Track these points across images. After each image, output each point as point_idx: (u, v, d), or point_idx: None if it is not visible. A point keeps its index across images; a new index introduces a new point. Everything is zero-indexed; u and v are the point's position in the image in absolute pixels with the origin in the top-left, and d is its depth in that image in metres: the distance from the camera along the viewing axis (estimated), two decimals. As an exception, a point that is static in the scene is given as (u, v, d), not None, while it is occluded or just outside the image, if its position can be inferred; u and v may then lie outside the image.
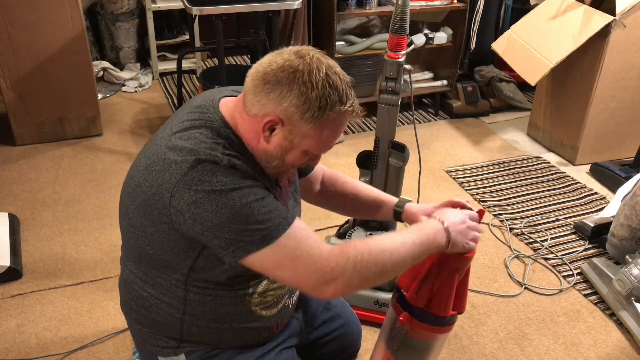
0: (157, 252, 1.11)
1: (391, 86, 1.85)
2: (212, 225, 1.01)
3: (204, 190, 1.00)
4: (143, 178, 1.07)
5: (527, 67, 2.91)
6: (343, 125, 1.09)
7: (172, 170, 1.02)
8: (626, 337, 2.02)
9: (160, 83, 3.78)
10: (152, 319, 1.20)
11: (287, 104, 1.02)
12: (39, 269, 2.17)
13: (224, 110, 1.11)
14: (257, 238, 1.02)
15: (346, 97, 1.05)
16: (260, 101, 1.04)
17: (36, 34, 2.75)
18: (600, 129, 2.98)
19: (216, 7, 2.59)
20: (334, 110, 1.03)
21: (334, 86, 1.03)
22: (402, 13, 1.75)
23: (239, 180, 1.02)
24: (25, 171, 2.77)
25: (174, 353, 1.22)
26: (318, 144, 1.08)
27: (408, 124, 3.46)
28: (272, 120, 1.04)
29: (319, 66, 1.03)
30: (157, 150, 1.07)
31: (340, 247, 1.07)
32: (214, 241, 1.03)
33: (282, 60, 1.03)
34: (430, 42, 3.38)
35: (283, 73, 1.02)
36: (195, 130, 1.07)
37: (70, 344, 1.87)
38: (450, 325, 1.30)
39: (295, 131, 1.05)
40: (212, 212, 1.00)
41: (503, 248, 2.43)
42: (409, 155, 1.93)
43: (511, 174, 2.97)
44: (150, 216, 1.06)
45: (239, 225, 1.01)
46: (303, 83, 1.01)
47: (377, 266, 1.07)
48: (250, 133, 1.09)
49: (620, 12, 2.66)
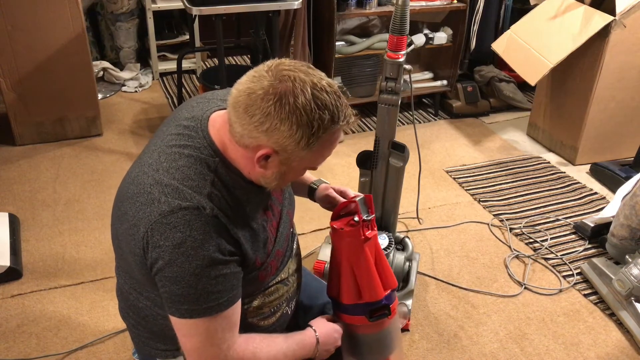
0: (138, 276, 1.11)
1: (391, 86, 1.85)
2: (162, 276, 1.02)
3: (171, 241, 0.99)
4: (129, 207, 1.06)
5: (527, 67, 2.91)
6: (339, 137, 1.05)
7: (153, 207, 1.01)
8: (626, 337, 2.02)
9: (160, 83, 3.78)
10: (147, 327, 1.21)
11: (277, 136, 0.97)
12: (39, 269, 2.17)
13: (213, 133, 1.07)
14: (185, 308, 1.02)
15: (338, 113, 1.00)
16: (250, 134, 0.99)
17: (36, 34, 2.75)
18: (600, 129, 2.98)
19: (216, 7, 2.59)
20: (327, 132, 0.99)
21: (323, 106, 0.97)
22: (402, 13, 1.75)
23: (209, 245, 1.00)
24: (25, 171, 2.77)
25: (172, 356, 1.23)
26: (317, 160, 1.07)
27: (408, 124, 3.46)
28: (265, 152, 1.00)
29: (303, 88, 0.96)
30: (144, 181, 1.05)
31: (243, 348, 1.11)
32: (161, 290, 1.04)
33: (263, 89, 0.96)
34: (430, 42, 3.38)
35: (268, 103, 0.96)
36: (183, 162, 1.04)
37: (70, 344, 1.87)
38: (395, 302, 1.32)
39: (292, 157, 1.02)
40: (167, 263, 1.00)
41: (503, 248, 2.43)
42: (409, 155, 1.93)
43: (511, 174, 2.97)
44: (130, 245, 1.06)
45: (180, 289, 1.01)
46: (291, 112, 0.95)
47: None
48: (244, 160, 1.05)
49: (620, 12, 2.66)
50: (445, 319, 2.06)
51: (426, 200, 2.71)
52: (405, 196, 2.39)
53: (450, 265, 2.31)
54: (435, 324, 2.03)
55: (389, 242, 1.95)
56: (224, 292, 1.03)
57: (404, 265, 1.98)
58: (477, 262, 2.34)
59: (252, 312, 1.20)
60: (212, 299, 1.02)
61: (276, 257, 1.21)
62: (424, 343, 1.95)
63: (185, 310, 1.02)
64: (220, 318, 1.04)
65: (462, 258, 2.36)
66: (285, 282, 1.27)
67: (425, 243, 2.44)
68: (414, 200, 2.40)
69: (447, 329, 2.01)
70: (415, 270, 2.09)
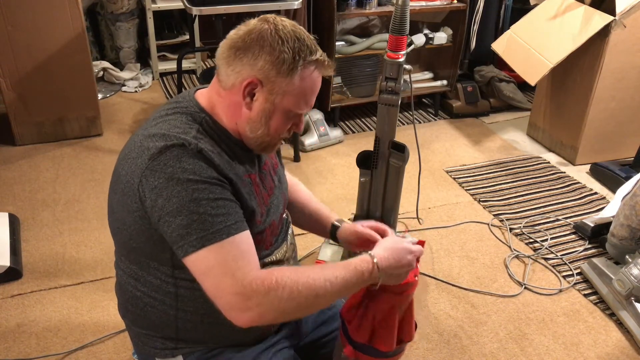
0: (139, 244, 1.12)
1: (391, 86, 1.85)
2: (165, 214, 1.02)
3: (164, 176, 1.02)
4: (122, 167, 1.10)
5: (527, 67, 2.91)
6: (318, 79, 1.11)
7: (144, 155, 1.05)
8: (626, 337, 2.02)
9: (160, 83, 3.78)
10: (147, 319, 1.21)
11: (261, 62, 1.05)
12: (39, 269, 2.17)
13: (199, 97, 1.15)
14: (194, 238, 1.01)
15: (315, 48, 1.09)
16: (235, 69, 1.07)
17: (36, 34, 2.75)
18: (600, 129, 2.98)
19: (216, 7, 2.59)
20: (306, 60, 1.07)
21: (302, 38, 1.07)
22: (402, 13, 1.75)
23: (201, 171, 1.03)
24: (25, 171, 2.77)
25: (171, 355, 1.22)
26: (298, 100, 1.10)
27: (408, 124, 3.46)
28: (250, 82, 1.06)
29: (283, 24, 1.08)
30: (134, 140, 1.11)
31: (263, 277, 1.03)
32: (167, 233, 1.03)
33: (247, 27, 1.08)
34: (430, 42, 3.38)
35: (251, 36, 1.06)
36: (170, 117, 1.11)
37: (70, 344, 1.87)
38: (398, 355, 1.26)
39: (275, 89, 1.07)
40: (165, 199, 1.02)
41: (503, 248, 2.43)
42: (409, 155, 1.93)
43: (511, 174, 2.97)
44: (127, 206, 1.08)
45: (184, 219, 1.01)
46: (273, 39, 1.05)
47: (298, 304, 1.05)
48: (230, 108, 1.11)
49: (620, 12, 2.66)
50: (445, 319, 2.06)
51: (426, 200, 2.71)
52: (405, 196, 2.39)
53: (450, 265, 2.31)
54: (435, 324, 2.03)
55: (389, 242, 1.95)
56: (228, 215, 1.04)
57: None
58: (477, 262, 2.34)
59: None
60: (218, 222, 1.02)
61: (271, 228, 1.21)
62: (424, 343, 1.95)
63: (195, 240, 1.01)
64: (229, 244, 1.02)
65: (462, 258, 2.36)
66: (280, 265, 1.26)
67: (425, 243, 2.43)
68: (414, 200, 2.40)
69: (447, 329, 2.01)
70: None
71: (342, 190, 2.77)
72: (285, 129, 1.15)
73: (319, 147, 3.12)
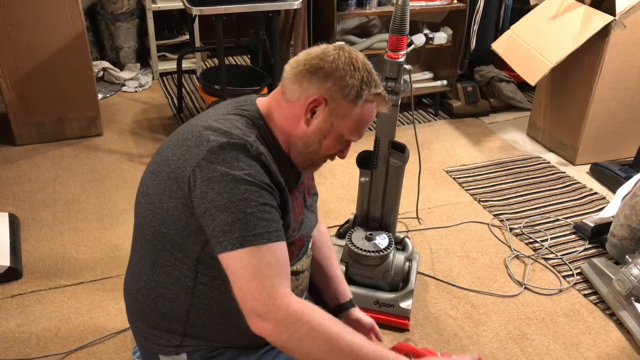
0: (170, 231, 1.12)
1: (391, 86, 1.85)
2: (212, 207, 1.03)
3: (221, 171, 1.03)
4: (172, 152, 1.11)
5: (527, 67, 2.91)
6: (375, 110, 1.16)
7: (202, 146, 1.06)
8: (626, 337, 2.02)
9: (160, 83, 3.78)
10: (157, 310, 1.20)
11: (330, 84, 1.10)
12: (39, 269, 2.17)
13: (259, 104, 1.18)
14: (235, 237, 1.02)
15: (379, 83, 1.15)
16: (302, 85, 1.11)
17: (36, 34, 2.75)
18: (600, 129, 2.98)
19: (216, 7, 2.59)
20: (371, 91, 1.12)
21: (371, 71, 1.14)
22: (402, 13, 1.75)
23: (256, 174, 1.05)
24: (25, 171, 2.77)
25: (175, 352, 1.22)
26: (353, 127, 1.15)
27: (408, 124, 3.46)
28: (316, 99, 1.11)
29: (357, 54, 1.13)
30: (192, 129, 1.11)
31: (294, 302, 1.03)
32: (210, 227, 1.04)
33: (321, 49, 1.13)
34: (430, 42, 3.37)
35: (325, 59, 1.11)
36: (231, 116, 1.13)
37: (70, 344, 1.87)
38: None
39: (337, 111, 1.12)
40: (217, 192, 1.03)
41: (503, 248, 2.43)
42: (409, 155, 1.93)
43: (511, 174, 2.97)
44: (169, 190, 1.09)
45: (231, 215, 1.02)
46: (345, 65, 1.10)
47: (309, 347, 1.03)
48: (289, 120, 1.14)
49: (620, 12, 2.66)
50: (445, 319, 2.06)
51: (426, 200, 2.71)
52: (405, 196, 2.39)
53: (450, 265, 2.31)
54: (435, 324, 2.03)
55: (389, 242, 1.95)
56: (272, 222, 1.05)
57: (404, 265, 1.98)
58: (477, 262, 2.34)
59: None
60: (261, 226, 1.03)
61: (300, 242, 1.24)
62: (424, 343, 1.95)
63: (236, 239, 1.02)
64: (266, 249, 1.03)
65: (462, 258, 2.36)
66: (298, 276, 1.28)
67: (425, 243, 2.44)
68: (414, 200, 2.40)
69: (447, 329, 2.01)
70: (415, 270, 2.09)
71: (342, 190, 2.77)
72: (333, 152, 1.19)
73: (319, 147, 3.12)
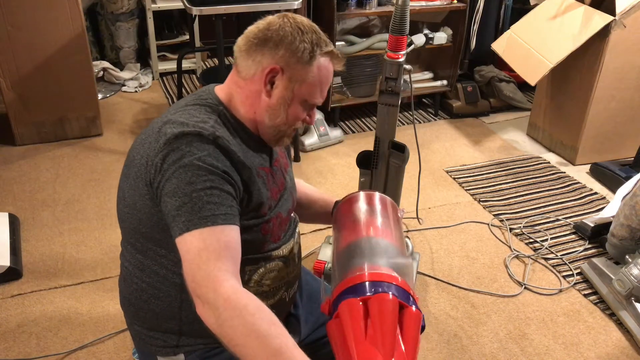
0: (148, 230, 1.13)
1: (391, 86, 1.85)
2: (164, 194, 1.05)
3: (172, 159, 1.04)
4: (137, 152, 1.13)
5: (527, 67, 2.91)
6: (331, 70, 1.18)
7: (160, 140, 1.07)
8: (626, 337, 2.02)
9: (160, 83, 3.78)
10: (151, 310, 1.21)
11: (282, 51, 1.11)
12: (39, 269, 2.17)
13: (218, 91, 1.20)
14: (182, 220, 1.02)
15: (329, 41, 1.17)
16: (255, 59, 1.13)
17: (36, 34, 2.75)
18: (600, 129, 2.98)
19: (216, 7, 2.59)
20: (323, 50, 1.14)
21: (318, 32, 1.16)
22: (402, 13, 1.75)
23: (206, 159, 1.04)
24: (25, 171, 2.77)
25: (173, 353, 1.22)
26: (314, 89, 1.16)
27: (408, 124, 3.46)
28: (272, 69, 1.12)
29: (301, 18, 1.16)
30: (153, 126, 1.14)
31: (236, 288, 0.98)
32: (165, 214, 1.05)
33: (266, 21, 1.15)
34: (430, 42, 3.38)
35: (271, 29, 1.13)
36: (190, 107, 1.15)
37: (70, 344, 1.87)
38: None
39: (295, 76, 1.13)
40: (167, 179, 1.04)
41: (503, 248, 2.43)
42: (409, 155, 1.93)
43: (511, 174, 2.97)
44: (139, 189, 1.11)
45: (178, 200, 1.02)
46: (293, 31, 1.12)
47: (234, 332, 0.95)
48: (249, 97, 1.15)
49: (620, 12, 2.66)
50: (445, 319, 2.06)
51: (426, 200, 2.71)
52: (405, 196, 2.39)
53: (450, 265, 2.31)
54: (435, 324, 2.03)
55: (389, 242, 1.95)
56: (219, 205, 1.04)
57: (404, 265, 1.98)
58: (477, 262, 2.34)
59: (253, 286, 1.21)
60: (207, 209, 1.02)
61: (279, 220, 1.23)
62: (424, 343, 1.95)
63: (182, 223, 1.02)
64: (211, 232, 1.01)
65: (462, 258, 2.36)
66: (286, 260, 1.27)
67: (425, 243, 2.44)
68: (414, 200, 2.40)
69: (447, 329, 2.01)
70: (415, 270, 2.09)
71: (342, 190, 2.77)
72: (301, 117, 1.20)
73: (319, 147, 3.12)
